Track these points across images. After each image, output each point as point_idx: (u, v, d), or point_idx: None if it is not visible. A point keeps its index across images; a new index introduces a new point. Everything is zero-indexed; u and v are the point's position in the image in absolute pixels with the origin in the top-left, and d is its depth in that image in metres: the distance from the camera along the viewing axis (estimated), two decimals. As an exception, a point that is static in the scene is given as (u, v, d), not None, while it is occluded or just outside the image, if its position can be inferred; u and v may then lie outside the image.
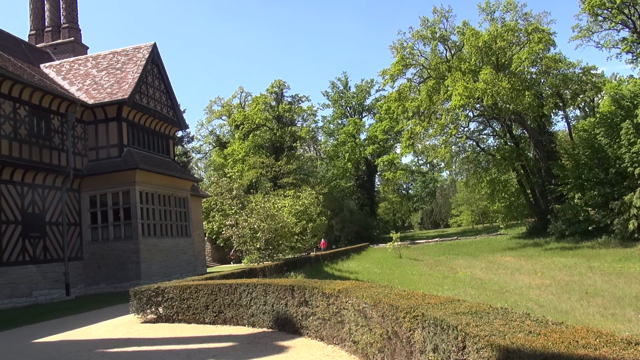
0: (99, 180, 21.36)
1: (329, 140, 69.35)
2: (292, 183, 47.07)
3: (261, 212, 26.20)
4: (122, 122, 22.05)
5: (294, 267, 24.07)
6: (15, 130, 18.27)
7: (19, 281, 17.65)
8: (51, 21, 29.06)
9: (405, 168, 67.66)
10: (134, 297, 11.93)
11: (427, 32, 41.51)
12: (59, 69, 24.85)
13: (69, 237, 20.42)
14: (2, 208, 17.42)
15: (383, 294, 6.37)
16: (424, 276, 23.55)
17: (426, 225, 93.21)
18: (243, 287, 10.13)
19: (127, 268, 20.67)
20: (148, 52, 24.26)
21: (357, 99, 67.43)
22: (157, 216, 22.50)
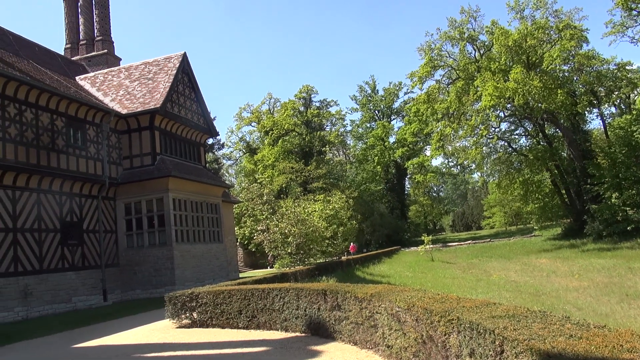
0: (133, 188, 21.87)
1: (358, 144, 69.20)
2: (322, 187, 47.13)
3: (292, 217, 26.33)
4: (154, 131, 22.55)
5: (325, 271, 24.06)
6: (53, 141, 18.90)
7: (59, 288, 18.20)
8: (85, 35, 30.03)
9: (435, 170, 66.85)
10: (168, 302, 12.12)
11: (455, 33, 41.04)
12: (93, 81, 25.62)
13: (105, 245, 20.96)
14: (42, 217, 18.02)
15: (416, 297, 6.30)
16: (457, 279, 23.19)
17: (458, 227, 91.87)
18: (275, 292, 10.17)
19: (161, 274, 21.06)
20: (178, 61, 24.76)
21: (385, 102, 67.14)
22: (189, 222, 22.87)
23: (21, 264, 16.76)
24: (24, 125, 17.69)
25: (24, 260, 16.89)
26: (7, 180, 16.69)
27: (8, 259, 16.28)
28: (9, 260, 16.29)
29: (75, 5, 30.54)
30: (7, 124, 16.93)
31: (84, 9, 30.29)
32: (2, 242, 16.16)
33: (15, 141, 17.16)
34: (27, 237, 17.16)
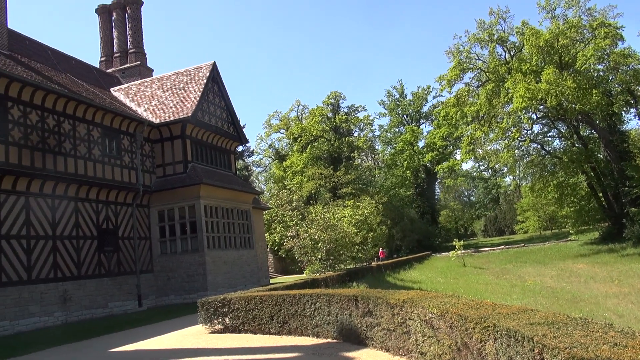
0: (166, 195, 22.31)
1: (387, 149, 68.83)
2: (351, 193, 47.02)
3: (321, 223, 26.34)
4: (186, 140, 22.98)
5: (355, 277, 23.98)
6: (89, 151, 19.48)
7: (96, 293, 18.69)
8: (119, 47, 30.92)
9: (466, 174, 65.95)
10: (201, 307, 12.28)
11: (484, 35, 40.46)
12: (127, 92, 26.31)
13: (140, 251, 21.43)
14: (80, 224, 18.58)
15: (450, 303, 6.21)
16: (491, 285, 22.75)
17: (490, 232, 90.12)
18: (306, 298, 10.19)
19: (194, 280, 21.37)
20: (208, 71, 25.20)
21: (413, 106, 66.64)
22: (221, 229, 23.16)
23: (60, 270, 17.30)
24: (62, 136, 18.30)
25: (63, 266, 17.43)
26: (47, 189, 17.28)
27: (48, 265, 16.83)
28: (49, 267, 16.85)
29: (109, 19, 31.50)
30: (46, 135, 17.55)
31: (117, 22, 31.21)
32: (42, 249, 16.73)
33: (54, 151, 17.76)
34: (65, 244, 17.72)
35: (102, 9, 31.47)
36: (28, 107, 17.03)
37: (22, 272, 15.84)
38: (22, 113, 16.75)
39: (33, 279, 16.18)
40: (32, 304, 15.95)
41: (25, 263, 16.03)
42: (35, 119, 17.23)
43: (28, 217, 16.43)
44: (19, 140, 16.44)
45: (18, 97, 16.66)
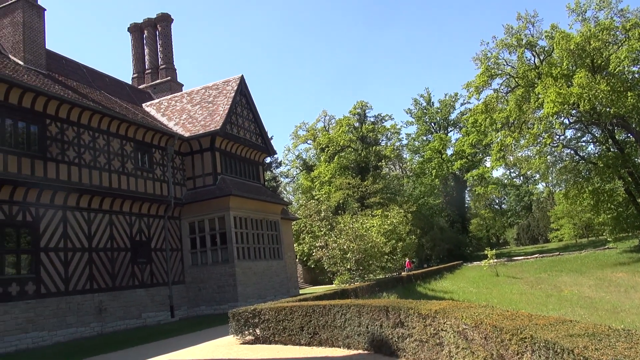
0: (196, 207, 22.66)
1: (415, 157, 68.30)
2: (380, 202, 46.76)
3: (350, 233, 26.29)
4: (215, 152, 23.34)
5: (385, 287, 23.79)
6: (122, 165, 20.00)
7: (130, 304, 19.06)
8: (150, 64, 31.76)
9: (496, 182, 64.65)
10: (232, 318, 12.37)
11: (512, 40, 39.88)
12: (158, 107, 26.94)
13: (172, 262, 21.78)
14: (114, 236, 19.04)
15: (484, 314, 6.10)
16: (525, 295, 22.20)
17: (523, 241, 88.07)
18: (337, 309, 10.15)
19: (224, 291, 21.56)
20: (236, 84, 25.60)
21: (441, 114, 66.05)
22: (250, 240, 23.35)
23: (96, 281, 17.73)
24: (97, 151, 18.85)
25: (98, 278, 17.86)
26: (83, 202, 17.80)
27: (84, 277, 17.28)
28: (85, 278, 17.29)
29: (141, 37, 32.42)
30: (82, 150, 18.11)
31: (149, 40, 32.09)
32: (79, 261, 17.19)
33: (90, 166, 18.31)
34: (100, 256, 18.17)
35: (134, 27, 32.44)
36: (65, 124, 17.64)
37: (59, 283, 16.30)
38: (59, 130, 17.35)
39: (70, 290, 16.63)
40: (69, 315, 16.38)
41: (63, 275, 16.49)
42: (71, 135, 17.82)
43: (65, 229, 16.94)
44: (57, 156, 17.01)
45: (56, 114, 17.28)
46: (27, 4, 19.63)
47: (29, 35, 19.36)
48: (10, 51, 19.22)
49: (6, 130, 15.53)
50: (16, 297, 14.79)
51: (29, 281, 15.33)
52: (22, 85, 15.94)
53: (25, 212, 15.67)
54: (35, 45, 19.62)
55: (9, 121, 15.70)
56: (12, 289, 14.73)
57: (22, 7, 19.44)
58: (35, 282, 15.50)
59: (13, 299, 14.68)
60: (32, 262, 15.63)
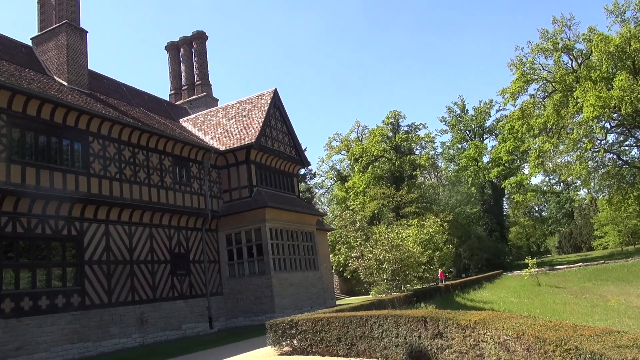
0: (233, 219, 23.00)
1: (450, 165, 67.33)
2: (415, 212, 46.25)
3: (386, 243, 26.11)
4: (250, 165, 23.70)
5: (423, 297, 23.45)
6: (161, 179, 20.55)
7: (170, 315, 19.45)
8: (187, 80, 32.67)
9: (535, 189, 63.00)
10: (269, 329, 12.45)
11: (547, 44, 39.08)
12: (194, 122, 27.61)
13: (210, 274, 22.14)
14: (154, 249, 19.53)
15: (526, 324, 5.96)
16: (569, 305, 21.47)
17: (565, 249, 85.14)
18: (374, 319, 10.09)
19: (261, 302, 21.74)
20: (270, 97, 25.99)
21: (476, 121, 64.98)
22: (286, 251, 23.50)
23: (137, 293, 18.19)
24: (137, 166, 19.45)
25: (139, 289, 18.33)
26: (124, 216, 18.36)
27: (126, 289, 17.77)
28: (127, 290, 17.77)
29: (177, 55, 33.41)
30: (122, 166, 18.73)
31: (185, 57, 33.04)
32: (121, 273, 17.71)
33: (130, 181, 18.90)
34: (141, 269, 18.66)
35: (170, 45, 33.47)
36: (107, 141, 18.30)
37: (103, 295, 16.81)
38: (101, 146, 18.02)
39: (113, 302, 17.12)
40: (112, 326, 16.85)
41: (106, 287, 17.01)
42: (113, 152, 18.46)
43: (108, 243, 17.50)
44: (99, 171, 17.64)
45: (98, 131, 17.96)
46: (70, 27, 20.58)
47: (72, 57, 20.26)
48: (55, 72, 20.15)
49: (52, 148, 16.24)
50: (62, 308, 15.33)
51: (74, 293, 15.87)
52: (67, 104, 16.66)
53: (70, 226, 16.29)
54: (78, 66, 20.51)
55: (55, 139, 16.41)
56: (58, 301, 15.29)
57: (65, 31, 20.40)
58: (80, 294, 16.05)
59: (59, 311, 15.23)
60: (77, 275, 16.19)
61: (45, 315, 14.76)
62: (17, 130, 15.20)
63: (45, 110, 16.05)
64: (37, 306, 14.62)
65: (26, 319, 14.26)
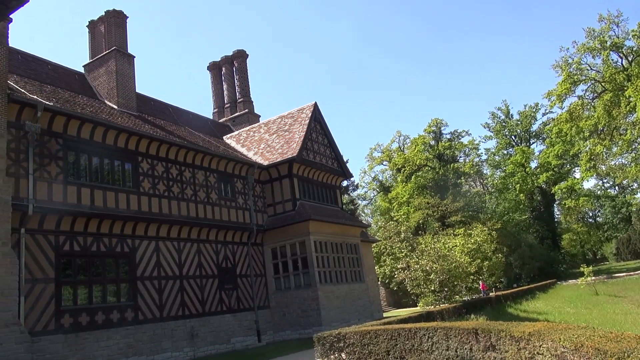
0: (277, 233, 23.24)
1: (496, 172, 65.62)
2: (461, 221, 45.31)
3: (432, 253, 25.73)
4: (293, 178, 23.94)
5: (473, 309, 22.88)
6: (207, 195, 21.05)
7: (219, 329, 19.76)
8: (229, 98, 33.48)
9: (588, 194, 60.46)
10: (317, 342, 12.45)
11: (594, 43, 37.69)
12: (238, 138, 28.20)
13: (256, 288, 22.39)
14: (202, 264, 19.96)
15: (585, 336, 5.71)
16: (631, 315, 20.37)
17: (624, 256, 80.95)
18: (423, 332, 9.92)
19: (308, 315, 21.76)
20: (310, 111, 26.25)
21: (521, 126, 63.22)
22: (331, 263, 23.48)
23: (187, 308, 18.61)
24: (184, 183, 20.02)
25: (189, 304, 18.74)
26: (173, 233, 18.90)
27: (177, 303, 18.21)
28: (177, 305, 18.22)
29: (219, 74, 34.35)
30: (170, 183, 19.32)
31: (226, 76, 33.92)
32: (171, 288, 18.19)
33: (178, 198, 19.46)
34: (190, 283, 19.10)
35: (212, 65, 34.45)
36: (155, 160, 18.95)
37: (155, 310, 17.29)
38: (150, 165, 18.67)
39: (164, 316, 17.57)
40: (164, 340, 17.27)
41: (158, 302, 17.49)
42: (161, 170, 19.09)
43: (158, 259, 18.03)
44: (149, 190, 18.27)
45: (146, 151, 18.64)
46: (118, 53, 21.58)
47: (121, 82, 21.22)
48: (105, 97, 21.12)
49: (104, 169, 16.98)
50: (117, 323, 15.87)
51: (127, 308, 16.41)
52: (117, 127, 17.41)
53: (123, 243, 16.90)
54: (127, 90, 21.43)
55: (107, 160, 17.15)
56: (113, 316, 15.84)
57: (114, 57, 21.40)
58: (133, 309, 16.57)
59: (114, 326, 15.77)
60: (130, 291, 16.75)
61: (101, 330, 15.33)
62: (72, 153, 15.99)
63: (98, 133, 16.82)
64: (93, 321, 15.20)
65: (84, 333, 14.85)
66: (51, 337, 13.99)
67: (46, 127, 15.19)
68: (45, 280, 14.27)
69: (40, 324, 13.84)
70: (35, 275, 14.05)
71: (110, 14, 22.46)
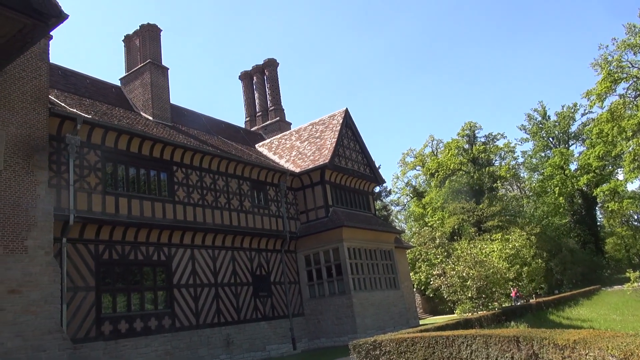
0: (310, 240, 23.21)
1: (534, 175, 63.87)
2: (498, 226, 44.24)
3: (468, 259, 25.20)
4: (325, 185, 23.90)
5: (512, 316, 22.23)
6: (241, 203, 21.23)
7: (254, 337, 19.82)
8: (260, 107, 33.82)
9: (633, 196, 57.92)
10: (353, 350, 12.33)
11: (636, 39, 36.32)
12: (270, 146, 28.41)
13: (290, 295, 22.39)
14: (237, 272, 20.11)
15: (634, 344, 5.41)
16: (683, 323, 19.34)
17: (673, 260, 77.29)
18: (461, 339, 9.67)
19: (343, 322, 21.59)
20: (341, 117, 26.20)
21: (559, 127, 61.38)
22: (365, 270, 23.27)
23: (223, 315, 18.76)
24: (218, 191, 20.26)
25: (224, 312, 18.89)
26: (208, 240, 19.12)
27: (212, 311, 18.38)
28: (213, 312, 18.39)
29: (250, 83, 34.77)
30: (204, 192, 19.58)
31: (258, 85, 34.29)
32: (207, 296, 18.38)
33: (212, 206, 19.69)
34: (225, 291, 19.26)
35: (244, 75, 34.91)
36: (189, 169, 19.27)
37: (191, 317, 17.49)
38: (184, 175, 18.99)
39: (200, 324, 17.75)
40: (200, 348, 17.43)
41: (194, 309, 17.70)
42: (195, 179, 19.39)
43: (194, 267, 18.26)
44: (183, 198, 18.56)
45: (181, 161, 18.97)
46: (153, 65, 22.12)
47: (155, 93, 21.73)
48: (141, 109, 21.66)
49: (141, 179, 17.36)
50: (155, 330, 16.12)
51: (165, 316, 16.66)
52: (153, 137, 17.79)
53: (159, 252, 17.20)
54: (161, 101, 21.93)
55: (143, 170, 17.54)
56: (151, 323, 16.10)
57: (149, 69, 21.96)
58: (170, 316, 16.81)
59: (152, 333, 16.02)
60: (167, 298, 17.01)
61: (139, 337, 15.60)
62: (110, 164, 16.43)
63: (134, 144, 17.23)
64: (132, 328, 15.49)
65: (123, 340, 15.14)
66: (92, 344, 14.32)
67: (85, 139, 15.66)
68: (86, 288, 14.64)
69: (81, 331, 14.19)
70: (77, 284, 14.43)
71: (144, 28, 23.09)
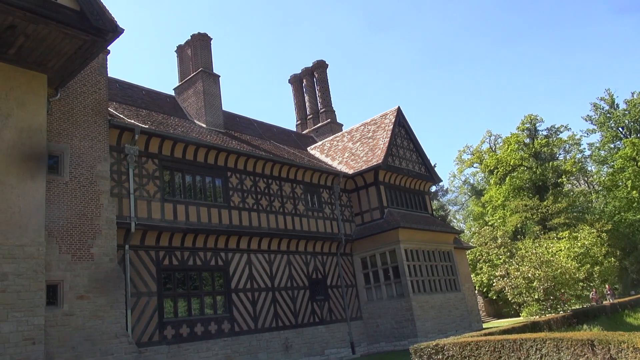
0: (366, 242, 22.87)
1: (602, 168, 60.28)
2: (565, 223, 42.02)
3: (534, 259, 24.06)
4: (379, 186, 23.51)
5: (584, 318, 20.95)
6: (295, 207, 21.24)
7: (313, 340, 19.72)
8: (311, 110, 33.88)
9: None
10: (414, 354, 11.95)
11: None
12: (321, 149, 28.34)
13: (348, 299, 22.14)
14: (293, 275, 20.11)
15: None
16: None
17: None
18: (530, 343, 9.08)
19: (402, 326, 21.09)
20: (394, 116, 25.73)
21: (630, 115, 57.55)
22: (424, 272, 22.65)
23: (280, 319, 18.79)
24: (271, 196, 20.37)
25: (282, 316, 18.92)
26: (264, 245, 19.25)
27: (270, 315, 18.46)
28: (271, 317, 18.46)
29: (300, 86, 34.94)
30: (259, 196, 19.75)
31: (308, 88, 34.39)
32: (264, 300, 18.48)
33: (267, 211, 19.82)
34: (282, 295, 19.29)
35: (293, 78, 35.15)
36: (243, 175, 19.49)
37: (250, 322, 17.63)
38: (239, 180, 19.23)
39: (259, 328, 17.86)
40: (260, 352, 17.53)
41: (252, 313, 17.83)
42: (249, 184, 19.59)
43: (251, 271, 18.42)
44: (238, 204, 18.79)
45: (235, 166, 19.23)
46: (205, 74, 22.63)
47: (208, 101, 22.20)
48: (194, 117, 22.19)
49: (197, 186, 17.72)
50: (215, 335, 16.36)
51: (224, 320, 16.88)
52: (207, 144, 18.14)
53: (217, 257, 17.47)
54: (214, 109, 22.37)
55: (199, 177, 17.91)
56: (211, 328, 16.36)
57: (201, 78, 22.48)
58: (229, 320, 17.01)
59: (213, 337, 16.27)
60: (225, 303, 17.24)
61: (200, 341, 15.88)
62: (167, 172, 16.88)
63: (189, 152, 17.62)
64: (193, 332, 15.79)
65: (185, 344, 15.46)
66: (156, 348, 14.70)
67: (143, 148, 16.17)
68: (148, 293, 15.07)
69: (145, 335, 14.60)
70: (140, 289, 14.88)
71: (195, 37, 23.68)
